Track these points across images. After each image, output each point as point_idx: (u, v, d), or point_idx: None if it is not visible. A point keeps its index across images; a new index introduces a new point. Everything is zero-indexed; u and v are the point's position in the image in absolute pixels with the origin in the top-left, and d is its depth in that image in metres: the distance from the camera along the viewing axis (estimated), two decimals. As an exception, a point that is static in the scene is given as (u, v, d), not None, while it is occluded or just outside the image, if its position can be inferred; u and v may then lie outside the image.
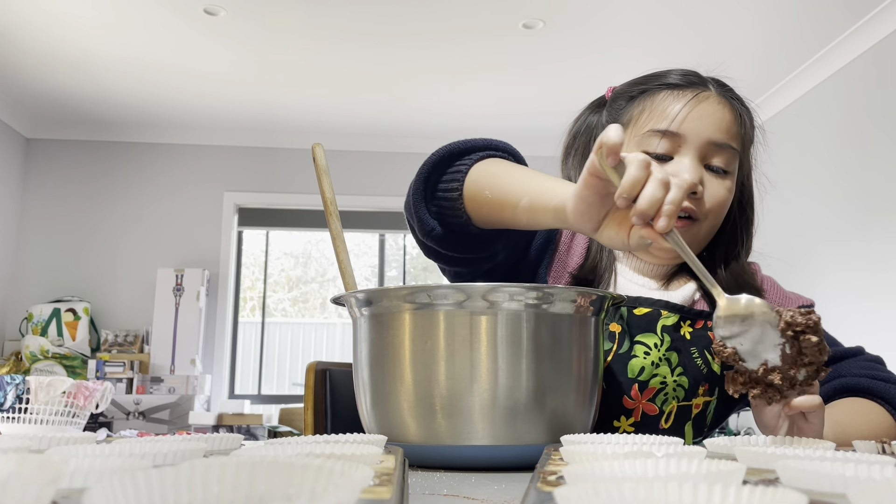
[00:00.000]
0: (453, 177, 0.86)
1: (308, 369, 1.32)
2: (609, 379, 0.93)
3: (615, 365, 0.94)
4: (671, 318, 0.96)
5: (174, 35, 3.68)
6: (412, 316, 0.71)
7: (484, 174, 0.85)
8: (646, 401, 0.94)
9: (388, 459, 0.49)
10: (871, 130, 3.43)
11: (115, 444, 0.48)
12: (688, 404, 0.97)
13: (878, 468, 0.39)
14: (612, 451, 0.49)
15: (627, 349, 0.94)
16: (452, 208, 0.86)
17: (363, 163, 5.06)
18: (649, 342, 0.94)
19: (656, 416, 0.95)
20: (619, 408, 0.93)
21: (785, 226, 3.80)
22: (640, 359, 0.93)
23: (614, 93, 1.07)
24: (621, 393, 0.93)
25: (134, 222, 4.93)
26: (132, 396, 4.32)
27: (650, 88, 1.01)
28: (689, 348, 0.96)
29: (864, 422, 0.93)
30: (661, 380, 0.94)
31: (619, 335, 0.95)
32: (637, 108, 1.01)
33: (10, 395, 2.10)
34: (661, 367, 0.94)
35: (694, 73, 1.02)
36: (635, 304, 0.95)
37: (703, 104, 0.97)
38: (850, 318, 3.36)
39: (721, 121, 0.97)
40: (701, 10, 3.36)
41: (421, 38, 3.69)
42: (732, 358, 0.67)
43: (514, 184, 0.81)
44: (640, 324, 0.95)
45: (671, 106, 0.97)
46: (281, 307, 6.14)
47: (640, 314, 0.95)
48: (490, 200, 0.83)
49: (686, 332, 0.96)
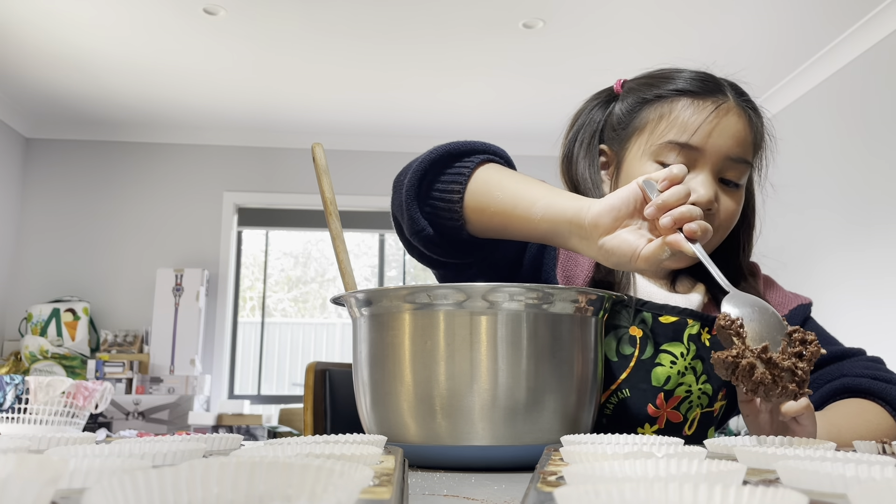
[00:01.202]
0: (454, 178, 0.85)
1: (308, 369, 1.32)
2: (632, 386, 0.92)
3: (637, 371, 0.92)
4: (695, 326, 0.95)
5: (174, 35, 3.68)
6: (412, 316, 0.71)
7: (493, 177, 0.85)
8: (670, 409, 0.93)
9: (387, 460, 0.49)
10: (871, 131, 3.43)
11: (115, 444, 0.48)
12: (710, 410, 0.96)
13: (879, 468, 0.39)
14: (613, 452, 0.49)
15: (651, 356, 0.92)
16: (449, 210, 0.85)
17: (363, 163, 5.06)
18: (676, 351, 0.93)
19: (680, 423, 0.94)
20: (643, 416, 0.92)
21: (785, 226, 3.80)
22: (667, 368, 0.92)
23: (626, 90, 1.04)
24: (646, 401, 0.92)
25: (133, 222, 4.93)
26: (131, 397, 4.32)
27: (667, 94, 0.98)
28: (709, 355, 0.95)
29: (861, 423, 0.92)
30: (687, 388, 0.93)
31: (641, 340, 0.93)
32: (654, 114, 0.98)
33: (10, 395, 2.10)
34: (687, 376, 0.93)
35: (711, 78, 0.99)
36: (661, 312, 0.93)
37: (725, 118, 0.95)
38: (850, 319, 3.36)
39: (739, 134, 0.95)
40: (701, 10, 3.36)
41: (421, 37, 3.69)
42: (736, 327, 0.67)
43: (529, 188, 0.82)
44: (667, 332, 0.93)
45: (692, 118, 0.95)
46: (281, 307, 6.14)
47: (666, 322, 0.93)
48: (501, 202, 0.82)
49: (706, 340, 0.95)
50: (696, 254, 0.70)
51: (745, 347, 0.66)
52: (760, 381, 0.65)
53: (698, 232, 0.71)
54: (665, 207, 0.72)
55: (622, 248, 0.73)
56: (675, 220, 0.71)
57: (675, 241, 0.71)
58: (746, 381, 0.65)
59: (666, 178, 0.74)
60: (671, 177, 0.74)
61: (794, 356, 0.66)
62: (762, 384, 0.65)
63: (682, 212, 0.71)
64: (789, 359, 0.66)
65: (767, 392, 0.66)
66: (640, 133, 0.99)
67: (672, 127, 0.96)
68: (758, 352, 0.66)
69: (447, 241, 0.88)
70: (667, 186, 0.74)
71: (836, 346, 1.05)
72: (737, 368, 0.65)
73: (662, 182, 0.74)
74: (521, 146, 4.75)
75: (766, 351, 0.66)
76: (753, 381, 0.65)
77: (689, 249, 0.70)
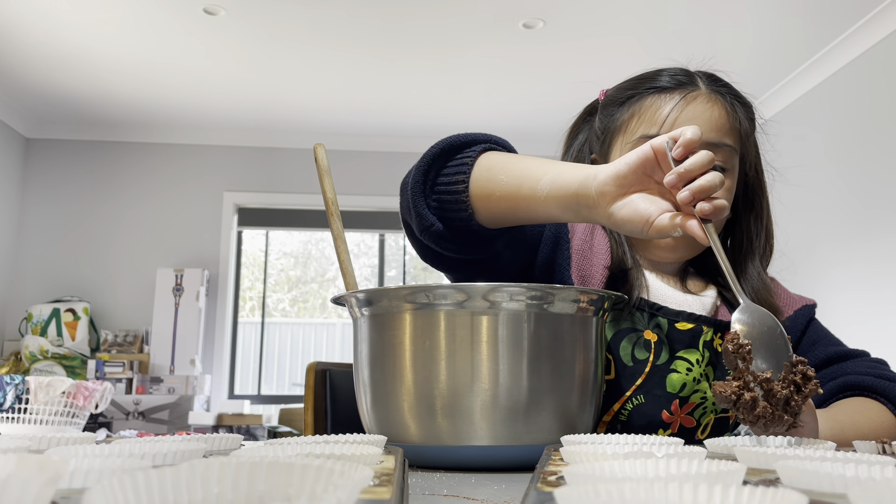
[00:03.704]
0: (457, 168, 0.84)
1: (308, 369, 1.32)
2: (647, 392, 0.92)
3: (652, 377, 0.92)
4: (709, 332, 0.94)
5: (174, 35, 3.68)
6: (412, 316, 0.71)
7: (496, 161, 0.83)
8: (684, 414, 0.93)
9: (387, 460, 0.49)
10: (871, 130, 3.43)
11: (115, 444, 0.48)
12: (726, 416, 0.96)
13: (879, 468, 0.39)
14: (613, 452, 0.49)
15: (665, 361, 0.92)
16: (456, 201, 0.83)
17: (363, 163, 5.06)
18: (692, 358, 0.92)
19: (693, 427, 0.94)
20: (657, 422, 0.92)
21: (785, 226, 3.79)
22: (682, 375, 0.92)
23: (605, 98, 1.05)
24: (660, 407, 0.92)
25: (134, 222, 4.93)
26: (132, 397, 4.32)
27: (639, 93, 0.99)
28: (722, 361, 0.95)
29: (864, 421, 0.92)
30: (702, 395, 0.93)
31: (656, 345, 0.92)
32: (627, 114, 0.99)
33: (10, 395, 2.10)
34: (703, 383, 0.93)
35: (683, 72, 1.00)
36: (677, 318, 0.93)
37: (692, 105, 0.95)
38: (850, 319, 3.36)
39: (711, 119, 0.94)
40: (701, 9, 3.36)
41: (421, 37, 3.69)
42: (744, 352, 0.65)
43: (533, 166, 0.80)
44: (684, 339, 0.93)
45: (660, 109, 0.95)
46: (280, 307, 6.13)
47: (683, 329, 0.93)
48: (506, 184, 0.80)
49: (718, 345, 0.95)
50: (710, 243, 0.68)
51: (747, 373, 0.65)
52: (761, 414, 0.64)
53: (711, 211, 0.68)
54: (687, 177, 0.69)
55: (634, 218, 0.72)
56: (694, 194, 0.68)
57: (690, 228, 0.69)
58: (748, 414, 0.64)
59: (680, 143, 0.70)
60: (686, 142, 0.70)
61: (792, 384, 0.65)
62: (763, 417, 0.64)
63: (701, 185, 0.68)
64: (788, 387, 0.65)
65: (766, 425, 0.65)
66: (617, 135, 1.00)
67: (642, 122, 0.97)
68: (760, 379, 0.64)
69: (457, 234, 0.86)
70: (682, 153, 0.70)
71: (840, 347, 1.05)
72: (738, 401, 0.64)
73: (677, 149, 0.71)
74: (521, 146, 4.69)
75: (768, 381, 0.64)
76: (755, 415, 0.64)
77: (703, 238, 0.68)
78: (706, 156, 0.69)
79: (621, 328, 0.93)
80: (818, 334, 1.06)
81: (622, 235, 0.98)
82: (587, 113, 1.10)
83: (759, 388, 0.64)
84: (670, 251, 0.98)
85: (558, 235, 0.97)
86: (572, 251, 0.97)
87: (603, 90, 1.07)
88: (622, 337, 0.92)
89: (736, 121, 0.98)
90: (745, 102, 1.01)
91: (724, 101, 0.97)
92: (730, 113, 0.97)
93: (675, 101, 0.95)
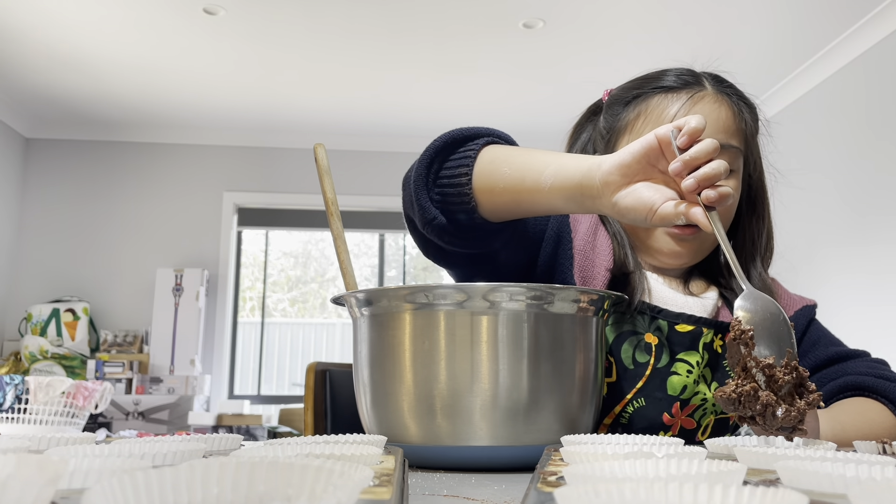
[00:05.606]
0: (460, 161, 0.83)
1: (308, 370, 1.32)
2: (647, 395, 0.92)
3: (653, 380, 0.92)
4: (709, 334, 0.94)
5: (173, 34, 3.68)
6: (412, 316, 0.71)
7: (499, 154, 0.83)
8: (685, 416, 0.93)
9: (387, 460, 0.49)
10: (871, 131, 3.43)
11: (115, 444, 0.48)
12: (725, 417, 0.96)
13: (879, 468, 0.39)
14: (613, 452, 0.49)
15: (666, 364, 0.92)
16: (459, 194, 0.83)
17: (363, 163, 5.06)
18: (692, 360, 0.92)
19: (694, 429, 0.94)
20: (658, 424, 0.92)
21: (785, 227, 3.79)
22: (683, 377, 0.92)
23: (610, 97, 1.05)
24: (661, 410, 0.92)
25: (133, 222, 4.93)
26: (131, 397, 4.32)
27: (645, 92, 0.99)
28: (721, 362, 0.95)
29: (865, 421, 0.92)
30: (702, 397, 0.93)
31: (657, 348, 0.92)
32: (633, 113, 0.99)
33: (10, 395, 2.10)
34: (702, 385, 0.93)
35: (689, 72, 1.00)
36: (677, 321, 0.93)
37: (699, 105, 0.95)
38: (851, 319, 3.36)
39: (718, 120, 0.95)
40: (702, 9, 3.36)
41: (421, 37, 3.69)
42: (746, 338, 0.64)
43: (536, 157, 0.79)
44: (684, 342, 0.93)
45: (667, 109, 0.95)
46: (280, 307, 6.13)
47: (683, 331, 0.93)
48: (509, 176, 0.80)
49: (717, 346, 0.95)
50: (713, 230, 0.68)
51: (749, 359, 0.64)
52: (767, 402, 0.63)
53: (717, 199, 0.68)
54: (692, 164, 0.69)
55: (637, 206, 0.72)
56: (699, 182, 0.68)
57: (694, 215, 0.69)
58: (752, 406, 0.64)
59: (685, 132, 0.70)
60: (690, 130, 0.70)
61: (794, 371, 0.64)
62: (769, 406, 0.63)
63: (706, 172, 0.68)
64: (790, 373, 0.64)
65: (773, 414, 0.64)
66: (623, 134, 1.00)
67: (649, 122, 0.96)
68: (762, 365, 0.64)
69: (460, 228, 0.86)
70: (687, 142, 0.70)
71: (841, 348, 1.05)
72: (742, 398, 0.64)
73: (682, 137, 0.70)
74: (521, 145, 4.74)
75: (770, 367, 0.64)
76: (761, 404, 0.63)
77: (707, 225, 0.68)
78: (711, 143, 0.69)
79: (623, 331, 0.93)
80: (819, 335, 1.06)
81: (625, 238, 0.98)
82: (591, 112, 1.10)
83: (760, 374, 0.64)
84: (674, 258, 0.98)
85: (560, 234, 0.97)
86: (575, 251, 0.97)
87: (607, 90, 1.07)
88: (623, 340, 0.92)
89: (742, 122, 0.98)
90: (749, 104, 1.01)
91: (730, 101, 0.97)
92: (736, 114, 0.97)
93: (681, 101, 0.95)
